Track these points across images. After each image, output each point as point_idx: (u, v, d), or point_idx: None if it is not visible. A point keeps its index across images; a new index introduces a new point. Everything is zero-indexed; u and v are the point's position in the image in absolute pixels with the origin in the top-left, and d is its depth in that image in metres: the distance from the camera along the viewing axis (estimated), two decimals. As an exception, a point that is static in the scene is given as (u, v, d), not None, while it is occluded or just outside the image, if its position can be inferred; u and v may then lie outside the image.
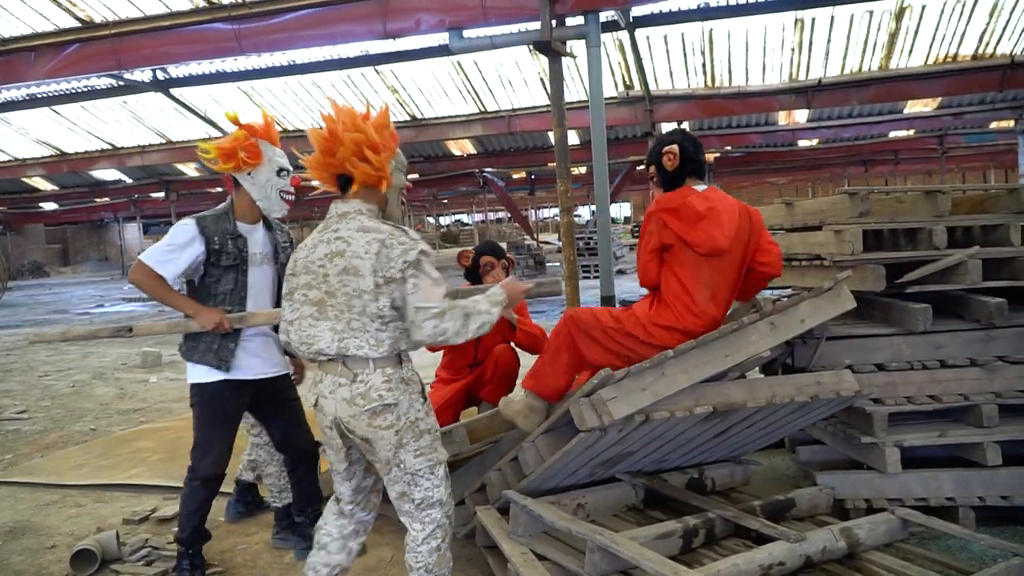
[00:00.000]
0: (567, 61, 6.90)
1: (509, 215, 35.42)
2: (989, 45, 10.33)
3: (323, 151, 2.42)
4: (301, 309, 2.39)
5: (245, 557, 3.41)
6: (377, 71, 11.49)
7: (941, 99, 13.21)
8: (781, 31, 10.09)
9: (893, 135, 18.02)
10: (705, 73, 11.45)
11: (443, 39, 8.97)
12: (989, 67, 10.55)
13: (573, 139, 14.45)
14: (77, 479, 4.55)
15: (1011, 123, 15.20)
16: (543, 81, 11.44)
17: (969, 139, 19.14)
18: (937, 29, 9.95)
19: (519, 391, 3.22)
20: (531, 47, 7.87)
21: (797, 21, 9.81)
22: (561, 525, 2.67)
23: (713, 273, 2.98)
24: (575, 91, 11.77)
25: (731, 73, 11.44)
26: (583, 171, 19.66)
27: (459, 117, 13.13)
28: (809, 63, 10.98)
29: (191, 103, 12.05)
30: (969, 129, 17.35)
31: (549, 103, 6.84)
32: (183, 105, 12.02)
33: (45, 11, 7.79)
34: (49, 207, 25.13)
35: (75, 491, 4.38)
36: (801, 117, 14.80)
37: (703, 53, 10.81)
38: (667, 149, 3.11)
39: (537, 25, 6.03)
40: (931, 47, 10.41)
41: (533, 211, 45.68)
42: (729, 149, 19.02)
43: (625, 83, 11.88)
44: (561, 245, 6.10)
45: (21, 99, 12.24)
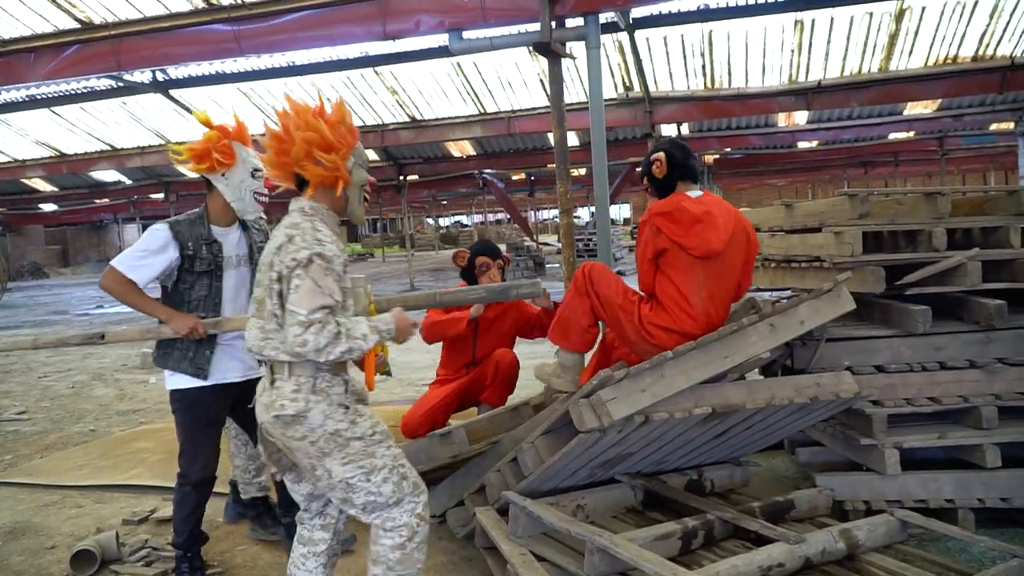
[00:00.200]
0: (567, 62, 6.90)
1: (508, 216, 35.49)
2: (989, 47, 10.34)
3: (277, 150, 2.31)
4: (250, 307, 2.34)
5: (245, 557, 3.41)
6: (377, 72, 11.51)
7: (941, 101, 13.23)
8: (781, 33, 10.10)
9: (893, 137, 18.04)
10: (705, 75, 11.46)
11: (443, 40, 9.00)
12: (989, 69, 10.57)
13: (573, 140, 14.45)
14: (77, 480, 4.55)
15: (1011, 125, 15.22)
16: (543, 82, 11.45)
17: (969, 141, 19.16)
18: (937, 31, 9.96)
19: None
20: (531, 48, 7.88)
21: (797, 23, 9.82)
22: (560, 526, 2.67)
23: (708, 276, 3.03)
24: (575, 92, 11.79)
25: (731, 75, 11.45)
26: (583, 172, 19.69)
27: (459, 118, 13.14)
28: (809, 65, 10.99)
29: (191, 104, 12.06)
30: (969, 131, 17.36)
31: (549, 104, 6.83)
32: (182, 106, 12.03)
33: (45, 12, 7.80)
34: (49, 208, 25.14)
35: (75, 492, 4.38)
36: (801, 119, 14.81)
37: (703, 55, 10.81)
38: (654, 158, 3.23)
39: (537, 26, 6.04)
40: (931, 49, 10.42)
41: (532, 212, 45.71)
42: (729, 151, 19.04)
43: (625, 84, 11.89)
44: (561, 247, 6.10)
45: (21, 100, 12.26)
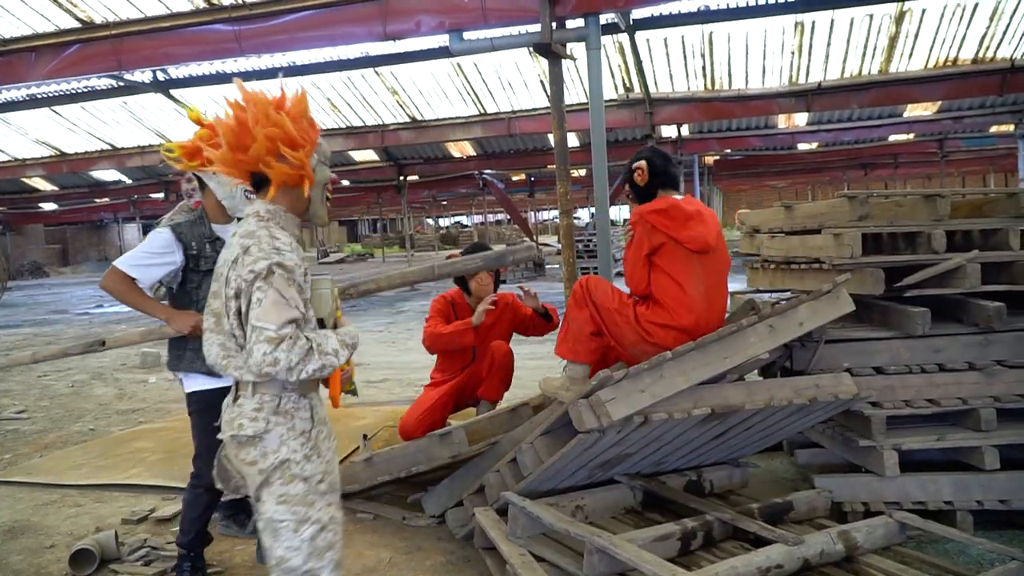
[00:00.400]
0: (567, 63, 6.90)
1: (508, 217, 35.49)
2: (989, 49, 10.35)
3: (233, 146, 2.07)
4: (206, 320, 2.12)
5: (244, 557, 3.40)
6: (377, 72, 11.52)
7: (941, 103, 13.25)
8: (781, 34, 10.10)
9: (893, 139, 18.06)
10: (705, 76, 11.47)
11: (443, 41, 9.02)
12: (989, 71, 10.58)
13: (573, 141, 14.47)
14: (76, 479, 4.54)
15: (1011, 127, 15.24)
16: (543, 83, 11.46)
17: (969, 143, 19.18)
18: (937, 33, 9.97)
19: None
20: (531, 49, 7.88)
21: (797, 24, 9.83)
22: (559, 527, 2.67)
23: (704, 270, 3.11)
24: (575, 93, 11.79)
25: (731, 76, 11.47)
26: (583, 173, 19.70)
27: (459, 119, 13.15)
28: (809, 66, 11.00)
29: (191, 104, 12.07)
30: (969, 133, 17.37)
31: (549, 105, 6.84)
32: (183, 106, 12.03)
33: (46, 12, 7.80)
34: (49, 207, 25.15)
35: (74, 491, 4.38)
36: (801, 120, 14.83)
37: (703, 56, 10.82)
38: (636, 166, 3.33)
39: (537, 27, 6.04)
40: (931, 51, 10.43)
41: (532, 213, 45.69)
42: (729, 152, 19.05)
43: (625, 85, 11.90)
44: (561, 247, 6.10)
45: (21, 99, 12.27)
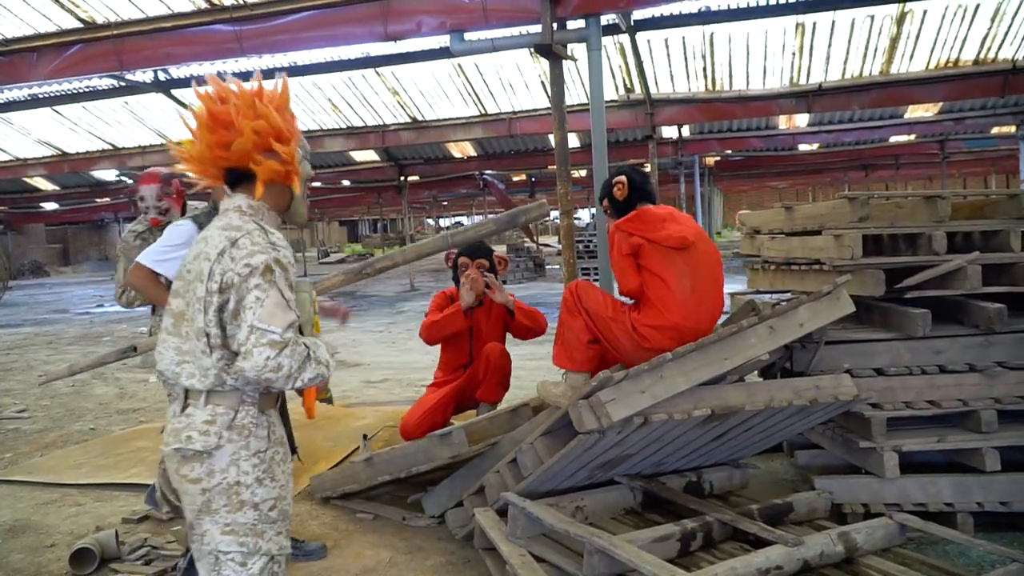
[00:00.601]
0: (568, 64, 6.90)
1: (510, 217, 35.41)
2: (991, 50, 10.34)
3: (213, 143, 1.93)
4: (164, 321, 1.94)
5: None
6: (378, 73, 11.51)
7: (942, 104, 13.22)
8: (782, 35, 10.10)
9: (894, 140, 18.04)
10: (706, 77, 11.46)
11: (444, 41, 8.99)
12: (990, 72, 10.56)
13: (573, 142, 14.46)
14: (76, 478, 4.54)
15: (1012, 128, 15.21)
16: (544, 84, 11.45)
17: (970, 144, 19.15)
18: (938, 34, 9.96)
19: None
20: (532, 50, 7.88)
21: (798, 25, 9.82)
22: (559, 527, 2.67)
23: (688, 265, 3.15)
24: (576, 94, 11.79)
25: (732, 77, 11.46)
26: (583, 174, 19.68)
27: (460, 119, 13.14)
28: (810, 67, 11.00)
29: (193, 104, 12.10)
30: (970, 134, 17.36)
31: (550, 106, 6.85)
32: (184, 106, 12.04)
33: (47, 12, 7.80)
34: (50, 207, 25.13)
35: (74, 490, 4.38)
36: (802, 121, 14.82)
37: (704, 57, 10.82)
38: (616, 180, 3.45)
39: (538, 28, 6.04)
40: (932, 52, 10.41)
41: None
42: (729, 153, 19.03)
43: (626, 86, 11.90)
44: (561, 248, 6.10)
45: (23, 99, 12.26)
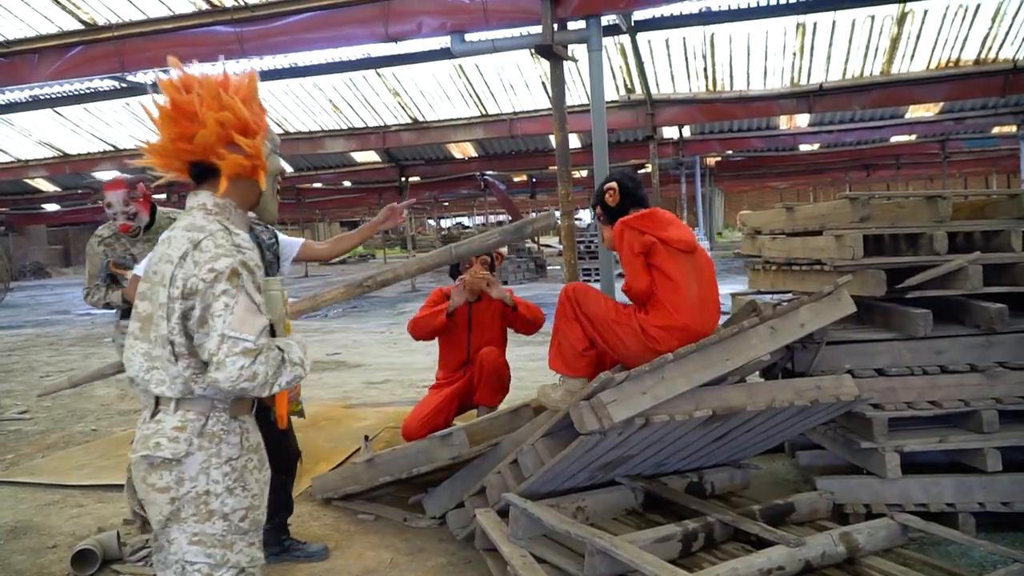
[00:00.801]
0: (569, 65, 6.90)
1: (510, 218, 35.46)
2: (991, 50, 10.34)
3: (174, 135, 1.84)
4: (131, 324, 1.90)
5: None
6: (379, 74, 11.52)
7: (943, 104, 13.23)
8: (783, 36, 10.10)
9: (895, 140, 18.04)
10: (706, 77, 11.47)
11: (445, 42, 8.99)
12: (991, 72, 10.57)
13: (574, 142, 14.47)
14: (78, 479, 4.55)
15: (1013, 128, 15.23)
16: (544, 84, 11.46)
17: (971, 144, 19.17)
18: (939, 34, 9.96)
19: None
20: (533, 51, 7.88)
21: (799, 26, 9.82)
22: (561, 528, 2.67)
23: (695, 269, 3.15)
24: (576, 94, 11.79)
25: (732, 77, 11.46)
26: (584, 174, 19.70)
27: (460, 120, 13.16)
28: (811, 68, 11.00)
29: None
30: (971, 134, 17.36)
31: (550, 106, 6.84)
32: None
33: (49, 13, 7.81)
34: (51, 208, 25.17)
35: (76, 491, 4.38)
36: (803, 121, 14.83)
37: (704, 57, 10.82)
38: (607, 187, 3.40)
39: (539, 29, 6.04)
40: (933, 52, 10.42)
41: (534, 214, 45.71)
42: (730, 153, 19.05)
43: (626, 87, 11.90)
44: (562, 248, 6.09)
45: (24, 101, 12.28)
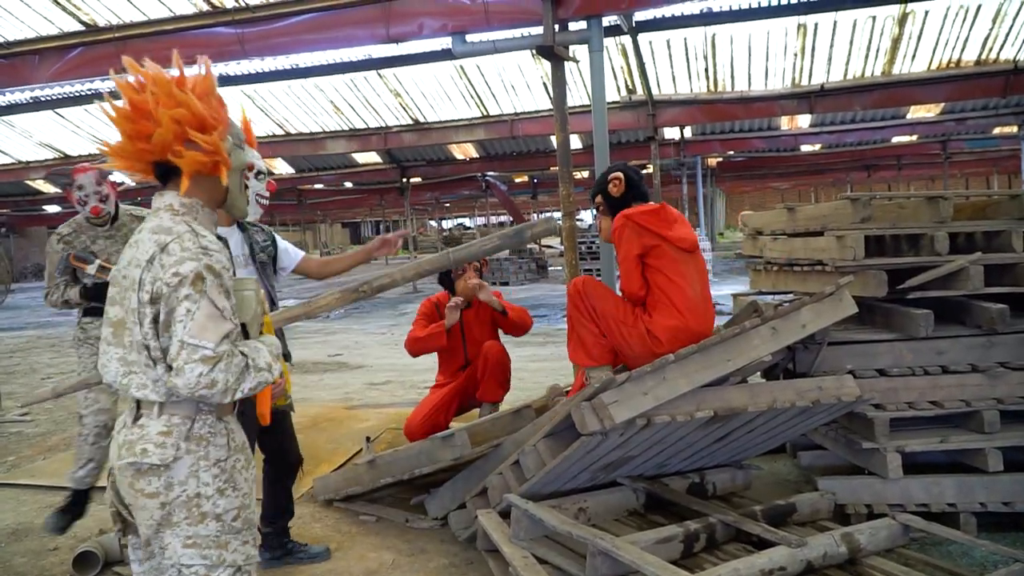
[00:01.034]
0: (570, 65, 6.90)
1: (511, 219, 35.50)
2: (992, 51, 10.34)
3: (131, 134, 1.82)
4: (103, 330, 1.89)
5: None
6: (380, 75, 11.53)
7: (944, 104, 13.23)
8: (784, 36, 10.10)
9: (896, 140, 18.04)
10: (708, 78, 11.46)
11: (446, 43, 8.99)
12: (992, 72, 10.57)
13: (575, 143, 14.46)
14: (79, 481, 4.55)
15: (1014, 128, 15.22)
16: (546, 85, 11.46)
17: (972, 144, 19.16)
18: (940, 34, 9.96)
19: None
20: (534, 51, 7.89)
21: (800, 26, 9.82)
22: (562, 529, 2.67)
23: (696, 270, 3.18)
24: (578, 95, 11.79)
25: (734, 78, 11.46)
26: (585, 175, 19.69)
27: (462, 121, 13.17)
28: (812, 68, 11.00)
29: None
30: (972, 135, 17.36)
31: (552, 107, 6.84)
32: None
33: (49, 14, 7.82)
34: (52, 210, 25.18)
35: (77, 493, 4.38)
36: (804, 122, 14.82)
37: (706, 58, 10.82)
38: (612, 177, 3.36)
39: (540, 29, 6.04)
40: (934, 52, 10.42)
41: (535, 215, 45.74)
42: (732, 154, 19.05)
43: (628, 87, 11.91)
44: (563, 249, 6.09)
45: (25, 102, 12.29)
